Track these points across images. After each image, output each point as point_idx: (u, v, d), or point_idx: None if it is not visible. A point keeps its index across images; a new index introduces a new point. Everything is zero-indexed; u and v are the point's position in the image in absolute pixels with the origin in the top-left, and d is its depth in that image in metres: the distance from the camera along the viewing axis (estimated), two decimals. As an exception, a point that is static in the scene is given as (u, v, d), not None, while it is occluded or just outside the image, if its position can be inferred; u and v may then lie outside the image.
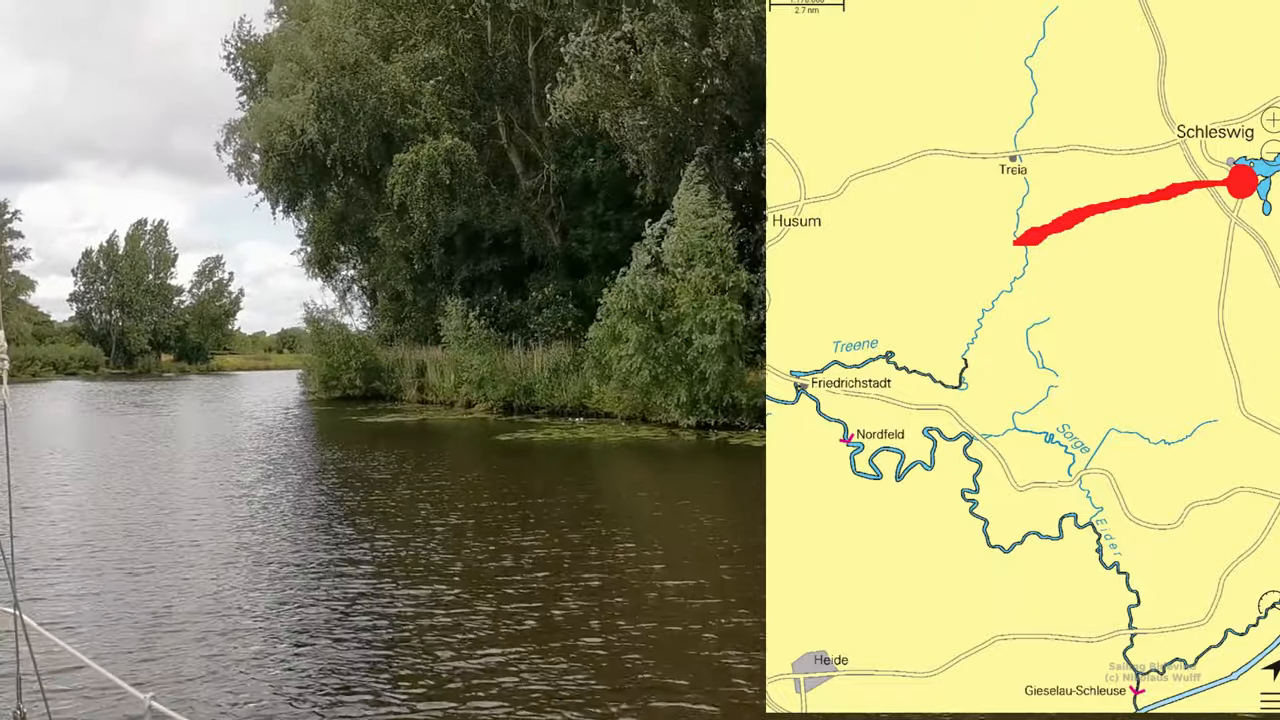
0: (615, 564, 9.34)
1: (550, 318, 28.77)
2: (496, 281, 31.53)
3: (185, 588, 8.73)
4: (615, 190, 27.80)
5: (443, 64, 29.59)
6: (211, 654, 6.71)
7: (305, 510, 13.03)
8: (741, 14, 20.16)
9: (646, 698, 5.72)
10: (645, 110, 23.16)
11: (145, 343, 76.24)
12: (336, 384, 34.61)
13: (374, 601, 8.15)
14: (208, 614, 7.78)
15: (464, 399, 29.29)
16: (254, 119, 34.90)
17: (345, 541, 10.66)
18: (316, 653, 6.81)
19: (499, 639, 6.99)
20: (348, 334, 35.49)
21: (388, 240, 35.61)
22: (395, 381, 33.68)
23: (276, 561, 9.81)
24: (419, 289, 35.60)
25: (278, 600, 8.35)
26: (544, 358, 27.76)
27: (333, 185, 36.84)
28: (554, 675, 6.14)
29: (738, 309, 20.12)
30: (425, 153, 29.32)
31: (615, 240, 27.39)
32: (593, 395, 24.79)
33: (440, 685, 6.05)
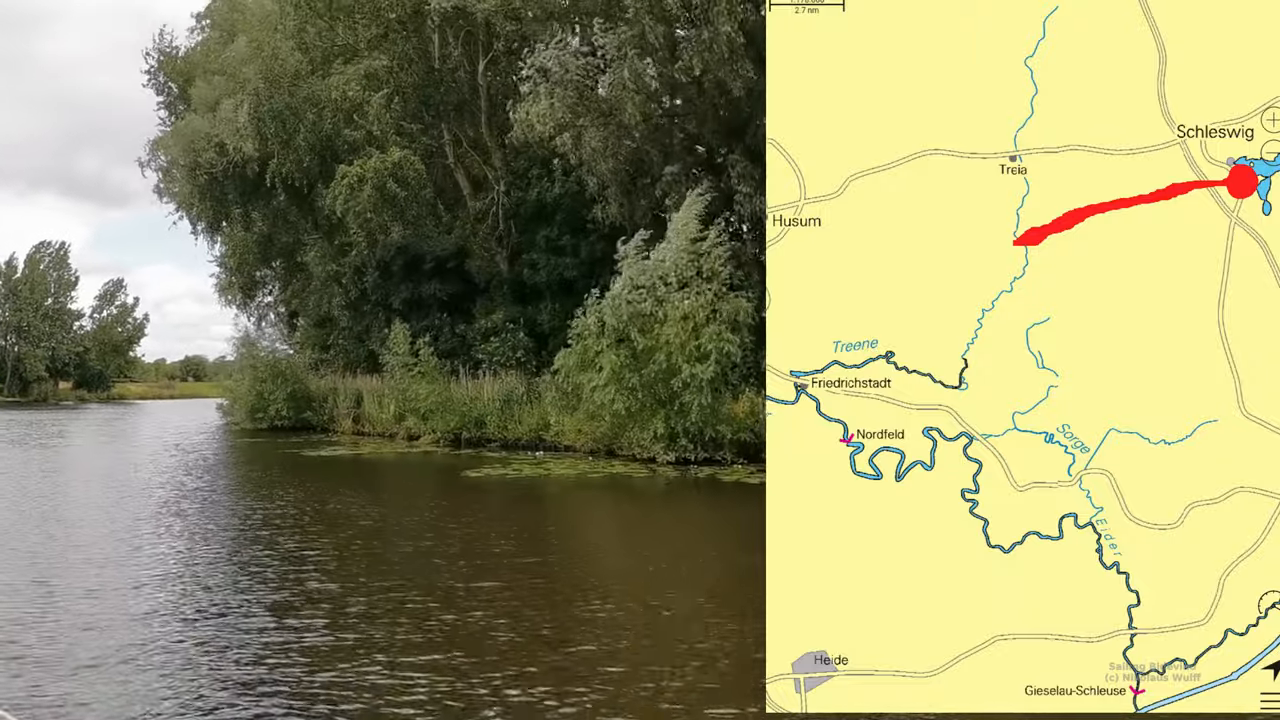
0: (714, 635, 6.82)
1: (500, 346, 26.88)
2: (436, 307, 29.09)
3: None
4: (571, 214, 26.34)
5: (386, 76, 27.45)
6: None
7: (295, 575, 8.89)
8: (717, 30, 19.46)
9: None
10: (610, 128, 22.10)
11: (42, 369, 70.30)
12: (264, 414, 31.65)
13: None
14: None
15: (405, 431, 26.95)
16: (178, 136, 32.47)
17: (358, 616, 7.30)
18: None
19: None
20: (278, 361, 32.60)
21: (317, 263, 33.24)
22: (327, 412, 30.98)
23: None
24: (354, 314, 32.75)
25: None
26: (493, 387, 25.71)
27: (260, 205, 34.45)
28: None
29: (732, 339, 18.28)
30: (372, 165, 27.17)
31: (571, 265, 26.00)
32: (550, 427, 22.96)
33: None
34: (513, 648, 6.43)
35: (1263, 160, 2.27)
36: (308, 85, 29.53)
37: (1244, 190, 2.28)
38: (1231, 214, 2.27)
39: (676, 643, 6.56)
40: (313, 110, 29.21)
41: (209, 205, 34.42)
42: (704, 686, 5.60)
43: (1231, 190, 2.28)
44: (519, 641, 6.59)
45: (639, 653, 6.38)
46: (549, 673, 5.85)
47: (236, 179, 31.99)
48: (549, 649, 6.41)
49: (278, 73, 29.95)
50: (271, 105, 29.57)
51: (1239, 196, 2.28)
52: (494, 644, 6.52)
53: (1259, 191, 2.28)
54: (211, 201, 34.06)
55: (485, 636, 6.72)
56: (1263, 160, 2.27)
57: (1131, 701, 2.30)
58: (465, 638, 6.67)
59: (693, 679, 5.75)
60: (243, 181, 32.10)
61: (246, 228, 37.14)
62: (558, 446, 22.48)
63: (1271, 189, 2.28)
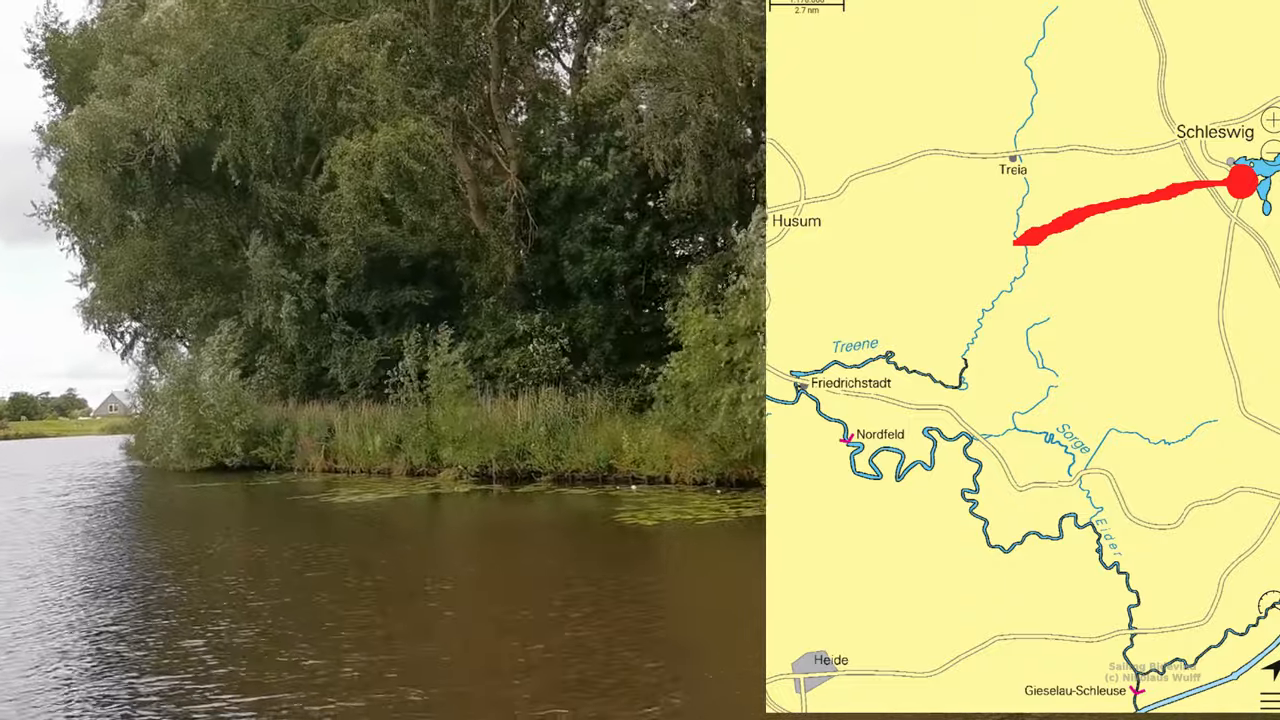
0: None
1: (527, 357, 21.54)
2: (414, 315, 23.81)
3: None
4: (618, 199, 21.58)
5: (396, 30, 21.40)
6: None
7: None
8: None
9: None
10: (692, 86, 17.66)
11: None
12: (206, 451, 25.93)
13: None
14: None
15: (404, 465, 22.04)
16: (82, 124, 26.06)
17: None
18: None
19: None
20: (232, 388, 25.99)
21: (264, 267, 26.69)
22: (283, 446, 25.33)
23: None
24: (303, 329, 26.51)
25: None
26: (531, 409, 20.32)
27: (182, 202, 28.65)
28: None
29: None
30: (381, 139, 21.83)
31: (621, 260, 21.19)
32: (623, 454, 18.20)
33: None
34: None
35: (1263, 160, 2.27)
36: (271, 50, 24.08)
37: (1244, 190, 2.28)
38: (1231, 214, 2.28)
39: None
40: (275, 83, 24.04)
41: (117, 204, 27.91)
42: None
43: (1231, 190, 2.28)
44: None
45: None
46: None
47: (153, 173, 26.35)
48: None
49: (237, 36, 24.20)
50: (226, 75, 24.18)
51: (1239, 196, 2.28)
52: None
53: (1259, 191, 2.28)
54: (120, 200, 27.77)
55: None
56: (1263, 160, 2.27)
57: (1131, 701, 2.30)
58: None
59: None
60: (161, 175, 26.61)
61: (152, 234, 30.35)
62: (644, 479, 17.86)
63: (1271, 189, 2.28)
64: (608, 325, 21.70)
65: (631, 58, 17.64)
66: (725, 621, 7.44)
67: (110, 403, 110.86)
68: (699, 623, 7.99)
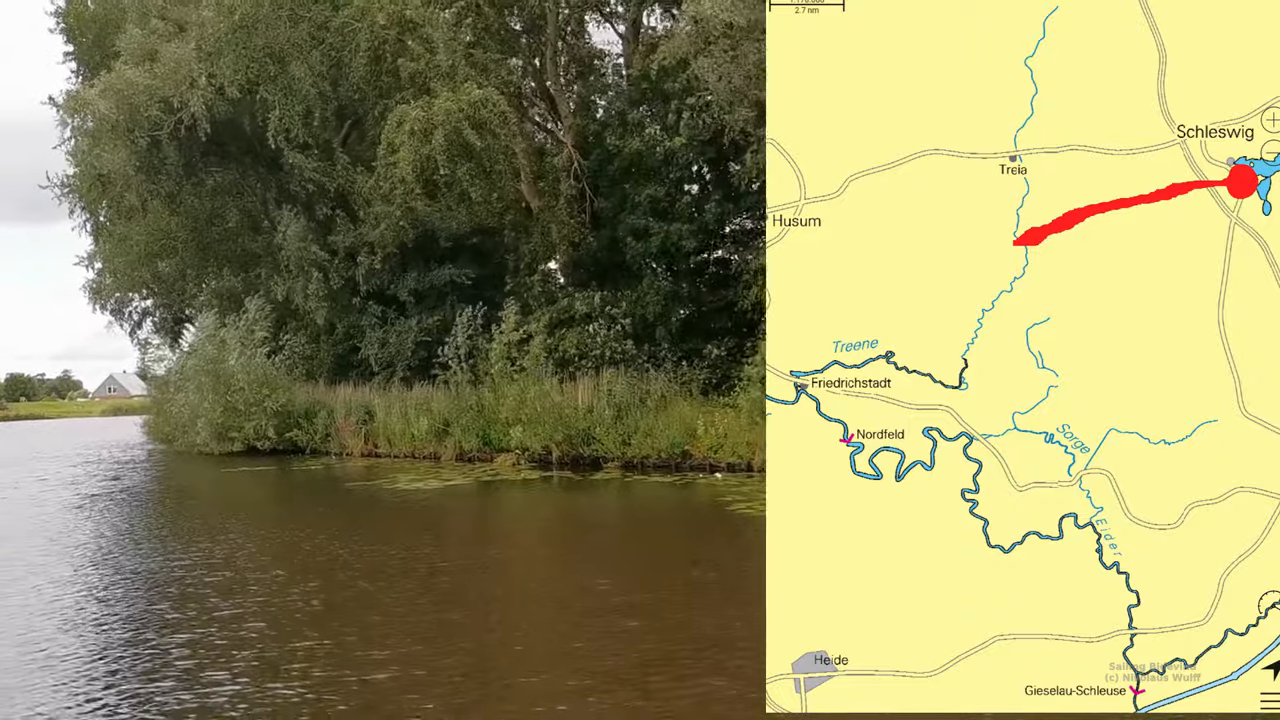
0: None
1: (592, 337, 20.19)
2: (455, 295, 22.77)
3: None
4: (684, 167, 20.34)
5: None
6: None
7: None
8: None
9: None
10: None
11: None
12: (238, 434, 24.76)
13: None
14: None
15: (453, 449, 20.80)
16: (108, 91, 23.86)
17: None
18: None
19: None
20: (264, 369, 24.91)
21: (295, 244, 25.42)
22: (319, 429, 24.23)
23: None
24: (333, 308, 25.53)
25: None
26: (594, 391, 19.03)
27: (214, 173, 26.79)
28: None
29: None
30: (442, 106, 19.88)
31: (688, 234, 19.94)
32: (698, 438, 16.92)
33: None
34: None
35: (1263, 160, 2.27)
36: (314, 12, 22.63)
37: (1244, 190, 2.28)
38: (1231, 214, 2.27)
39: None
40: (319, 48, 22.70)
41: (142, 177, 25.71)
42: None
43: (1231, 190, 2.28)
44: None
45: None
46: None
47: (181, 143, 24.72)
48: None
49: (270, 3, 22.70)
50: (268, 40, 22.59)
51: (1239, 196, 2.28)
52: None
53: (1259, 191, 2.28)
54: (145, 173, 25.65)
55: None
56: (1263, 160, 2.27)
57: (1131, 701, 2.30)
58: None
59: None
60: (189, 146, 24.88)
61: (174, 209, 28.26)
62: (723, 466, 16.34)
63: (1271, 189, 2.28)
64: (672, 303, 20.29)
65: (719, 11, 16.28)
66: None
67: (109, 384, 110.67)
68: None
